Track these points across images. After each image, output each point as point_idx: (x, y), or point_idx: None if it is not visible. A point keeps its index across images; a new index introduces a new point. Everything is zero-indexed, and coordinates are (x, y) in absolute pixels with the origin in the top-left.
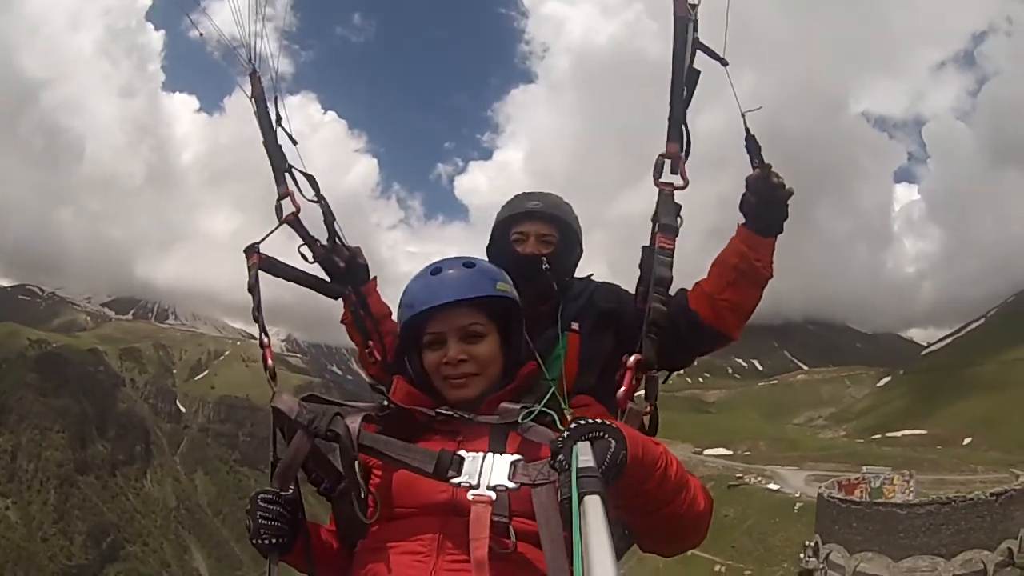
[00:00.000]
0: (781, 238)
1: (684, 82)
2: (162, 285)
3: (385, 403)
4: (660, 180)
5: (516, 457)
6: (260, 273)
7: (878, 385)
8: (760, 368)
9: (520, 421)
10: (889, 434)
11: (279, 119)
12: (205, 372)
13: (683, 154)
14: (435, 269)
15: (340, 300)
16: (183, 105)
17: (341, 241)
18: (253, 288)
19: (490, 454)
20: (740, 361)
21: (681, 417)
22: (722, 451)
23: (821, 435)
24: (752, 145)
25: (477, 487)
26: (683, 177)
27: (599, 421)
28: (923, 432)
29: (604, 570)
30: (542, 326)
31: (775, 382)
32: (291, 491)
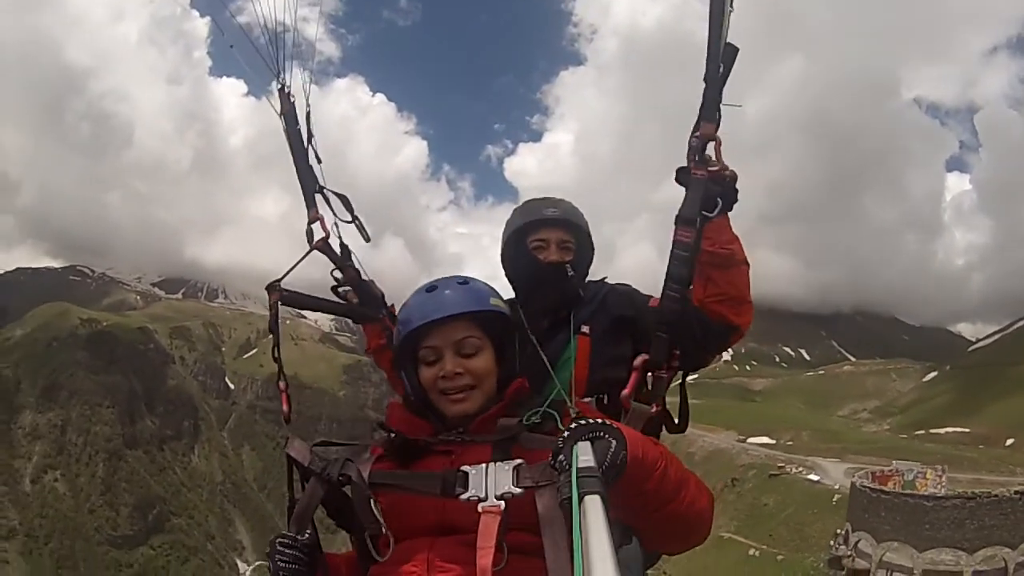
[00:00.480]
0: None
1: (720, 59)
2: (212, 265)
3: (391, 435)
4: (695, 165)
5: (518, 461)
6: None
7: (924, 380)
8: (807, 358)
9: (524, 423)
10: (932, 430)
11: (311, 137)
12: (254, 350)
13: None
14: (430, 287)
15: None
16: (230, 90)
17: (356, 271)
18: (274, 327)
19: (492, 464)
20: (787, 350)
21: (726, 404)
22: (765, 440)
23: (864, 428)
24: (709, 104)
25: (486, 498)
26: (719, 160)
27: (599, 421)
28: (966, 430)
29: (604, 570)
30: (555, 331)
31: (821, 372)
32: (307, 535)
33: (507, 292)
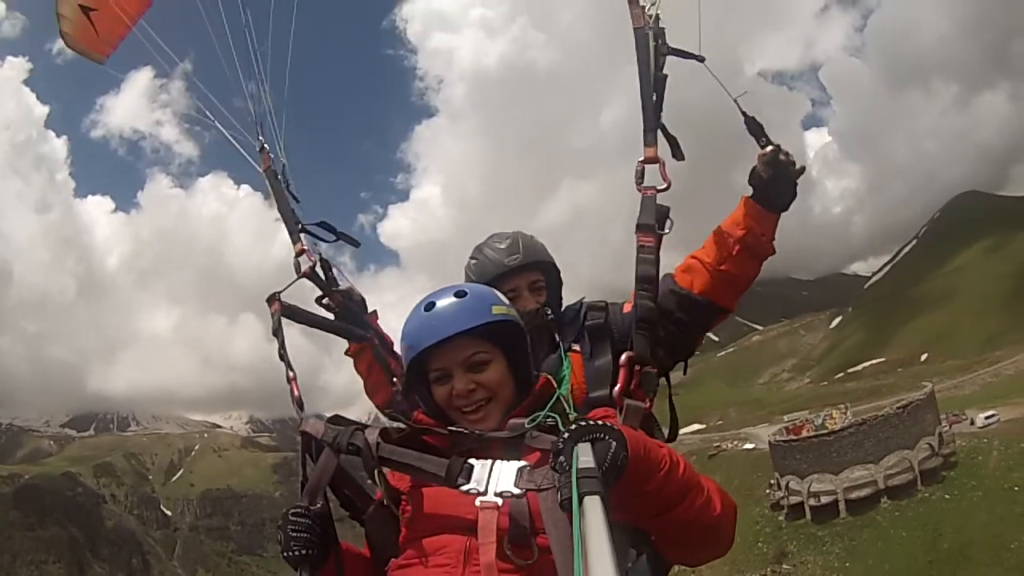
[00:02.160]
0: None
1: (653, 88)
2: (117, 394)
3: (403, 424)
4: (643, 185)
5: (523, 464)
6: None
7: (831, 327)
8: (716, 339)
9: (527, 425)
10: (851, 370)
11: (288, 184)
12: (180, 471)
13: (669, 144)
14: (428, 304)
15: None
16: (98, 208)
17: (332, 281)
18: (277, 332)
19: (499, 461)
20: None
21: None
22: (696, 427)
23: (787, 387)
24: (753, 125)
25: (484, 493)
26: (664, 179)
27: (600, 422)
28: (882, 360)
29: (604, 571)
30: (544, 353)
31: (733, 349)
32: (319, 506)
33: None
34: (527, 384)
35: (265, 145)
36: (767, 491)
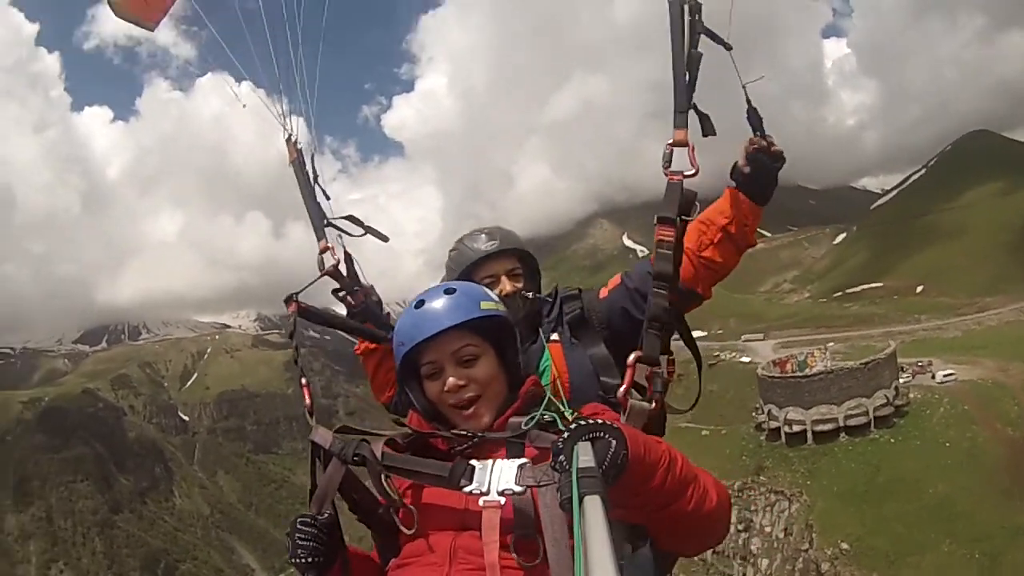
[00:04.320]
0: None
1: (686, 67)
2: (126, 304)
3: (408, 431)
4: (670, 170)
5: (523, 461)
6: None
7: (834, 243)
8: None
9: (525, 427)
10: (849, 291)
11: (316, 177)
12: (195, 376)
13: (692, 141)
14: (419, 302)
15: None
16: (96, 119)
17: (357, 280)
18: (293, 335)
19: (500, 461)
20: None
21: None
22: (699, 333)
23: (786, 300)
24: (754, 117)
25: (487, 493)
26: (693, 164)
27: (600, 421)
28: (879, 285)
29: (604, 570)
30: (525, 344)
31: None
32: (327, 515)
33: None
34: (518, 380)
35: (292, 136)
36: (753, 413)
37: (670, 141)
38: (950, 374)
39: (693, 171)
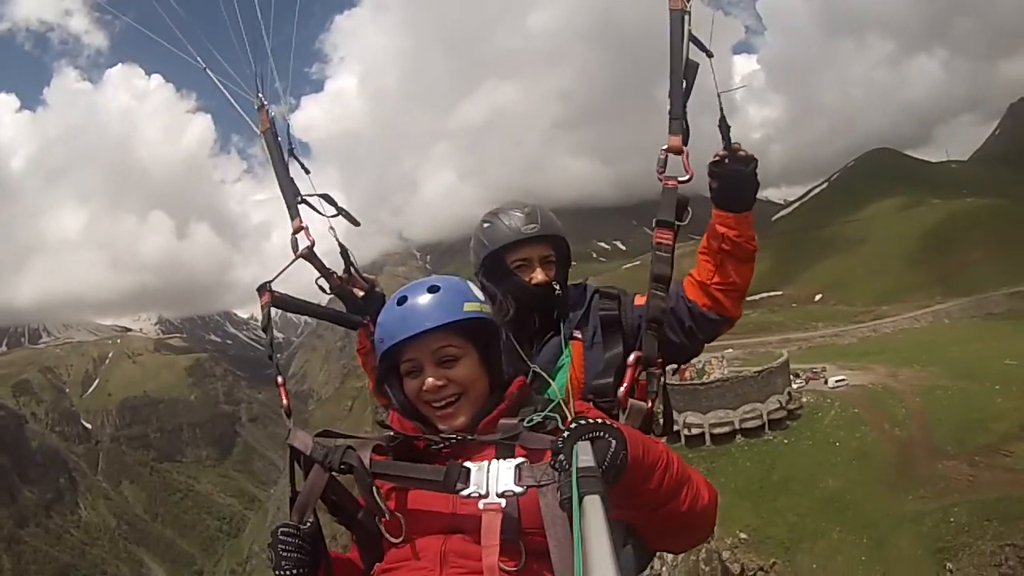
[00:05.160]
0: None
1: (684, 75)
2: (25, 304)
3: (393, 434)
4: (665, 175)
5: (520, 460)
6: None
7: None
8: (623, 248)
9: (525, 426)
10: (749, 298)
11: (291, 150)
12: (96, 382)
13: (686, 147)
14: (401, 299)
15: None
16: (2, 106)
17: (358, 272)
18: (267, 327)
19: (495, 461)
20: (603, 244)
21: None
22: None
23: None
24: (723, 126)
25: (487, 495)
26: (687, 170)
27: (599, 421)
28: (779, 293)
29: (603, 570)
30: (544, 337)
31: (638, 263)
32: (309, 524)
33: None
34: (500, 382)
35: (265, 103)
36: None
37: (664, 147)
38: (842, 379)
39: (688, 176)
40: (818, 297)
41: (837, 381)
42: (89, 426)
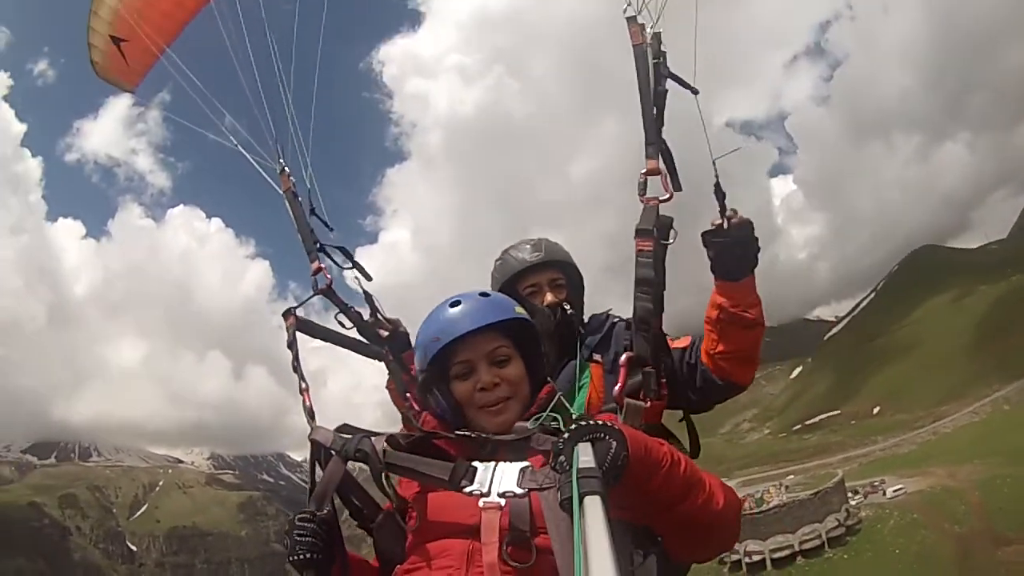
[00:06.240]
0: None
1: (653, 102)
2: (80, 423)
3: (410, 432)
4: (646, 196)
5: (525, 464)
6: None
7: (791, 377)
8: None
9: (531, 428)
10: (808, 422)
11: (312, 210)
12: (145, 507)
13: (665, 168)
14: (454, 302)
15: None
16: (69, 232)
17: (383, 315)
18: (292, 344)
19: (502, 463)
20: None
21: None
22: None
23: (747, 439)
24: (718, 191)
25: (488, 494)
26: (666, 189)
27: (600, 422)
28: (837, 412)
29: (603, 570)
30: (562, 360)
31: None
32: (326, 511)
33: None
34: (539, 388)
35: (286, 168)
36: None
37: (643, 171)
38: (899, 488)
39: (667, 196)
40: (876, 410)
41: (895, 491)
42: (134, 548)
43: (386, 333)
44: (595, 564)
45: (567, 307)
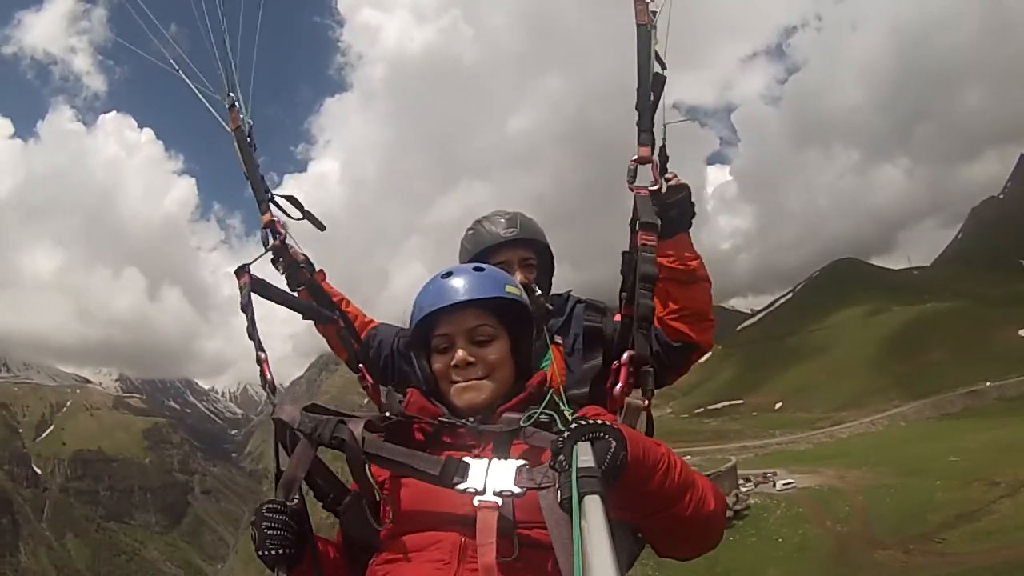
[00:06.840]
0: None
1: (651, 88)
2: None
3: (388, 413)
4: (635, 184)
5: (521, 462)
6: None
7: (700, 361)
8: None
9: (522, 424)
10: (711, 407)
11: (254, 148)
12: (51, 427)
13: (656, 157)
14: (446, 273)
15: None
16: None
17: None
18: (246, 307)
19: (496, 460)
20: None
21: None
22: None
23: None
24: (662, 155)
25: (483, 493)
26: (656, 180)
27: (599, 422)
28: (740, 401)
29: (603, 570)
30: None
31: None
32: (296, 501)
33: None
34: (526, 373)
35: (236, 102)
36: None
37: (634, 158)
38: (789, 482)
39: (657, 186)
40: (779, 405)
41: (784, 484)
42: (39, 471)
43: (300, 282)
44: (595, 564)
45: (536, 289)
